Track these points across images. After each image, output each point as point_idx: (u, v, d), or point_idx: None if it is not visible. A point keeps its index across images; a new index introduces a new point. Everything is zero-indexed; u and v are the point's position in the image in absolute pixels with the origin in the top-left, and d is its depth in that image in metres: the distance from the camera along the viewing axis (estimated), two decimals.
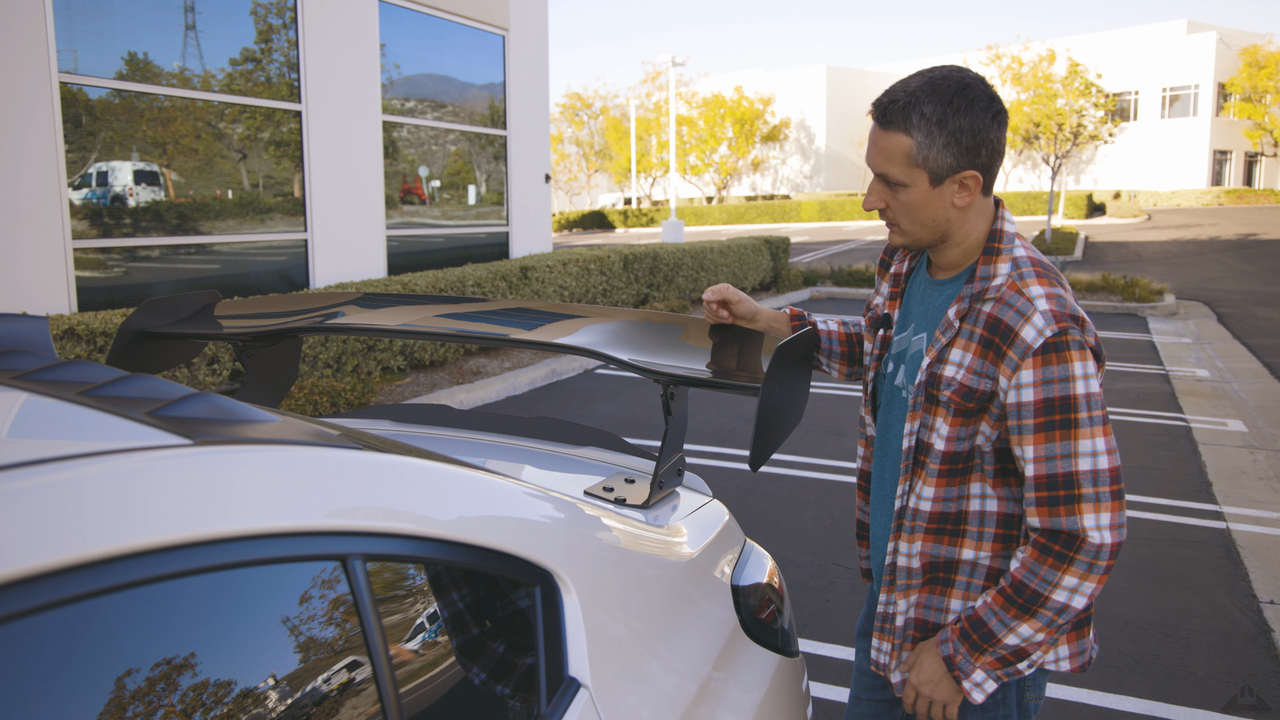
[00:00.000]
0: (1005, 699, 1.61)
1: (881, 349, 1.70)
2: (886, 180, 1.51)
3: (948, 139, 1.45)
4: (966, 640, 1.51)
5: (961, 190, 1.50)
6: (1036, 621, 1.45)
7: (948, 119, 1.44)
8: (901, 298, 1.69)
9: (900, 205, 1.52)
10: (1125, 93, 45.65)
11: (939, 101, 1.44)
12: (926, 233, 1.54)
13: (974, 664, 1.51)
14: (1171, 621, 3.77)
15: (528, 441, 2.17)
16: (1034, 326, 1.42)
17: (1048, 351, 1.40)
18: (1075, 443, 1.40)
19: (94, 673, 0.78)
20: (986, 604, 1.50)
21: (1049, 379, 1.40)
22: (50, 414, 1.05)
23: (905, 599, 1.61)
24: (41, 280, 6.76)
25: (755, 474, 5.65)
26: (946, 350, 1.52)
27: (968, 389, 1.49)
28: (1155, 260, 20.56)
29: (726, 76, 55.01)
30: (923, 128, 1.45)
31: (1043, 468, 1.42)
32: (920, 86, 1.46)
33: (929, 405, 1.54)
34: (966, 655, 1.51)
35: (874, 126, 1.51)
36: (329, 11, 9.07)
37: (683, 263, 12.60)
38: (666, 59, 30.54)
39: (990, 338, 1.47)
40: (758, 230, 34.36)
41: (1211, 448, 6.39)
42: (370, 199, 9.76)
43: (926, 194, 1.49)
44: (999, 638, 1.48)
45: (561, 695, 1.30)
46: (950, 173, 1.48)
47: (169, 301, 2.14)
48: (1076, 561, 1.41)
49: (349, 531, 1.04)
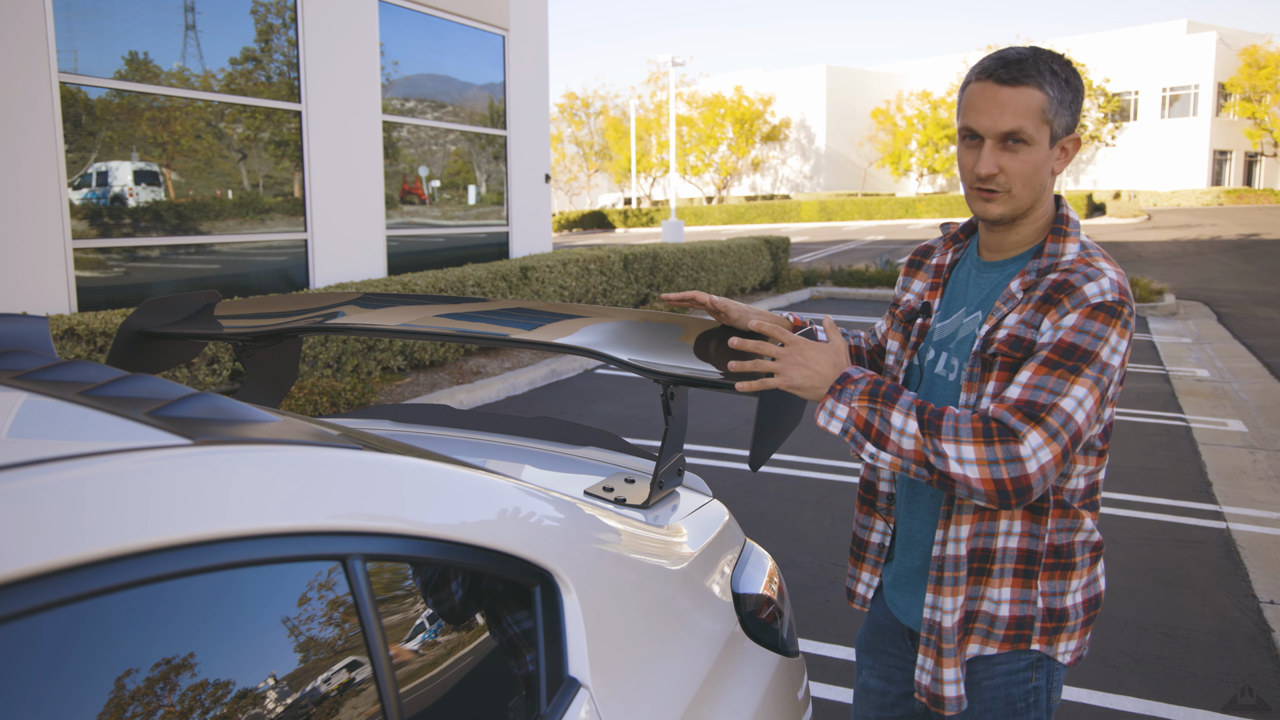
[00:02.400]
0: (1038, 703, 1.59)
1: (919, 337, 1.67)
2: (1013, 139, 1.47)
3: (1072, 97, 1.48)
4: (875, 382, 1.47)
5: (1063, 156, 1.52)
6: (926, 440, 1.40)
7: (1071, 78, 1.48)
8: (944, 287, 1.68)
9: (1019, 167, 1.48)
10: (1125, 93, 45.67)
11: (1059, 63, 1.47)
12: (1031, 198, 1.51)
13: (859, 400, 1.45)
14: (1171, 621, 3.77)
15: (528, 441, 2.17)
16: (1099, 286, 1.43)
17: (1099, 310, 1.41)
18: (1070, 386, 1.39)
19: (94, 673, 0.78)
20: (905, 388, 1.51)
21: (1086, 330, 1.41)
22: (50, 414, 1.05)
23: (954, 597, 1.54)
24: (41, 280, 6.76)
25: (755, 474, 5.65)
26: (1005, 318, 1.51)
27: (1015, 338, 1.47)
28: (1155, 260, 20.56)
29: (727, 76, 55.05)
30: (1055, 84, 1.46)
31: (1026, 394, 1.39)
32: (1032, 51, 1.48)
33: (985, 374, 1.51)
34: (858, 389, 1.46)
35: (990, 87, 1.47)
36: (329, 11, 9.07)
37: (683, 263, 12.60)
38: (667, 59, 30.57)
39: (1051, 294, 1.46)
40: (758, 230, 34.36)
41: (1211, 448, 6.39)
42: (370, 199, 9.76)
43: (1045, 155, 1.49)
44: (897, 408, 1.43)
45: (561, 695, 1.30)
46: (1065, 133, 1.50)
47: (169, 301, 2.14)
48: (994, 447, 1.36)
49: (349, 531, 1.04)
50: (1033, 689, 1.58)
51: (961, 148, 1.54)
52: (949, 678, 1.55)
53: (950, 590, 1.54)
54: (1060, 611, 1.55)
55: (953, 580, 1.54)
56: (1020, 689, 1.58)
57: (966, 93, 1.51)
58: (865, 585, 1.81)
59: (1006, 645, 1.56)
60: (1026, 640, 1.55)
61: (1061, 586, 1.55)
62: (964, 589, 1.54)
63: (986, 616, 1.55)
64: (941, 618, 1.55)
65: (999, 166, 1.48)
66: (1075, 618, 1.57)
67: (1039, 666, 1.58)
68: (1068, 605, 1.56)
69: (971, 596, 1.55)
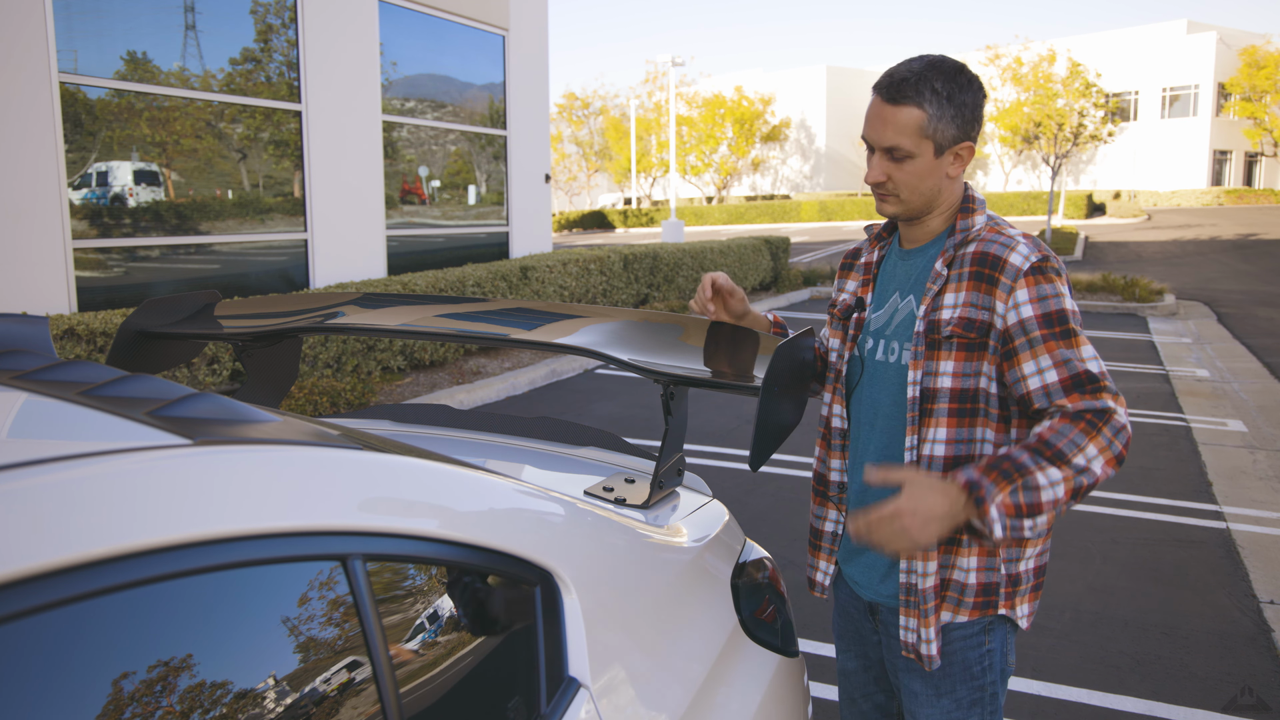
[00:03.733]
0: (992, 666, 1.67)
1: (857, 330, 1.76)
2: (893, 154, 1.60)
3: (954, 112, 1.58)
4: (995, 469, 1.47)
5: (956, 161, 1.63)
6: (1066, 469, 1.45)
7: (954, 94, 1.57)
8: (874, 281, 1.77)
9: (904, 176, 1.61)
10: (1125, 93, 45.66)
11: (945, 78, 1.57)
12: (921, 201, 1.64)
13: (999, 492, 1.45)
14: (1171, 621, 3.77)
15: (528, 441, 2.17)
16: (1019, 254, 1.56)
17: (1035, 273, 1.54)
18: (1079, 349, 1.53)
19: (94, 673, 0.78)
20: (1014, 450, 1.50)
21: (1043, 295, 1.54)
22: (50, 414, 1.05)
23: (926, 562, 1.62)
24: (41, 280, 6.76)
25: (755, 474, 5.65)
26: (939, 297, 1.62)
27: (968, 320, 1.58)
28: (1155, 260, 20.56)
29: (727, 76, 55.03)
30: (934, 102, 1.56)
31: (1064, 370, 1.52)
32: (924, 66, 1.58)
33: (930, 352, 1.61)
34: (992, 484, 1.46)
35: (878, 104, 1.60)
36: (328, 11, 9.07)
37: (683, 263, 12.60)
38: (667, 59, 30.56)
39: (980, 270, 1.59)
40: (758, 230, 34.37)
41: (1211, 448, 6.39)
42: (370, 199, 9.76)
43: (930, 164, 1.60)
44: (1030, 470, 1.45)
45: (561, 695, 1.30)
46: (951, 144, 1.60)
47: (169, 301, 2.14)
48: (1102, 433, 1.48)
49: (349, 531, 1.04)
50: (987, 652, 1.67)
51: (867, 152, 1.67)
52: (927, 637, 1.64)
53: (922, 556, 1.62)
54: (1015, 576, 1.65)
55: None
56: (975, 653, 1.66)
57: (868, 104, 1.64)
58: (823, 573, 1.87)
59: (976, 612, 1.64)
60: (994, 606, 1.64)
61: (1018, 554, 1.65)
62: (935, 555, 1.62)
63: (958, 585, 1.63)
64: (917, 580, 1.63)
65: (885, 174, 1.62)
66: (1027, 581, 1.67)
67: (991, 630, 1.66)
68: (1021, 570, 1.66)
69: (944, 565, 1.63)
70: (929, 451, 1.61)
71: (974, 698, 1.68)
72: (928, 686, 1.70)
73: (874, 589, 1.75)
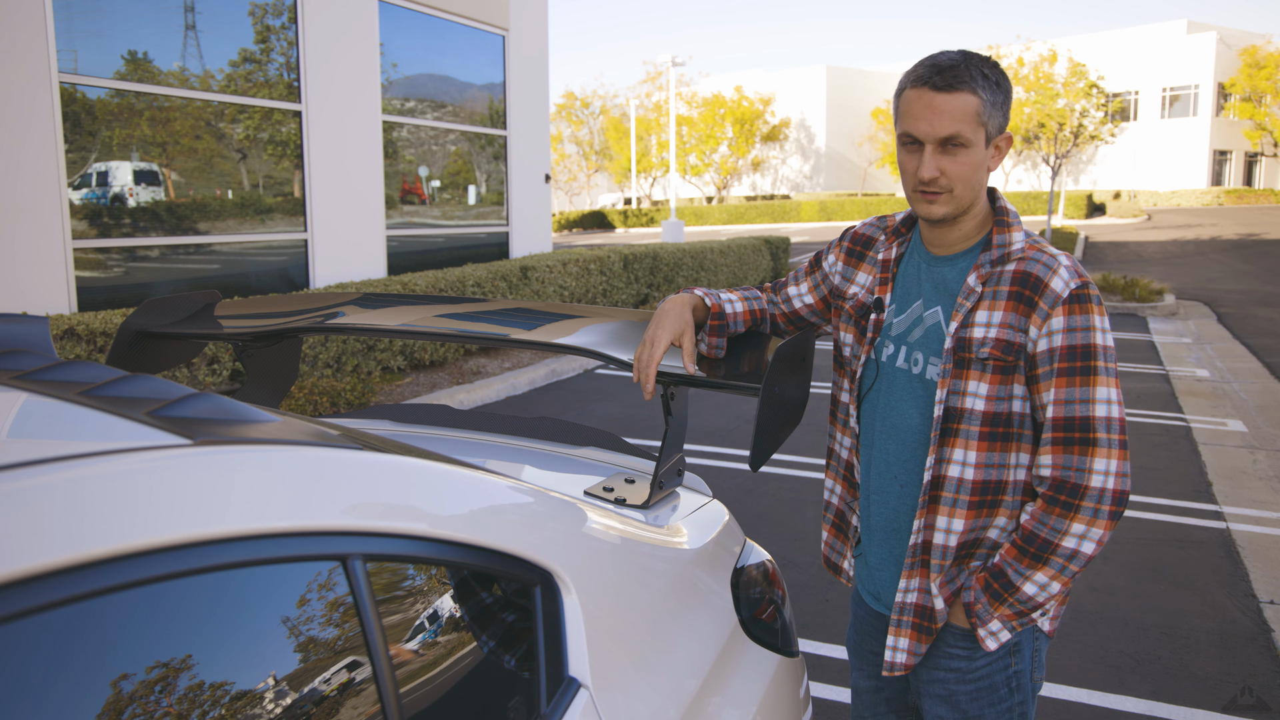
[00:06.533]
0: (1021, 685, 1.65)
1: (875, 333, 1.70)
2: (951, 143, 1.52)
3: (1002, 99, 1.54)
4: (988, 590, 1.56)
5: (996, 154, 1.58)
6: (1049, 569, 1.51)
7: (1001, 81, 1.54)
8: (894, 281, 1.70)
9: (959, 169, 1.53)
10: (1125, 93, 45.65)
11: (989, 66, 1.54)
12: (971, 197, 1.57)
13: (992, 613, 1.57)
14: (1171, 621, 3.77)
15: (528, 441, 2.17)
16: (1061, 278, 1.51)
17: (1073, 301, 1.50)
18: (1093, 389, 1.48)
19: (94, 673, 0.78)
20: (1002, 555, 1.55)
21: (1074, 327, 1.49)
22: (50, 414, 1.05)
23: (949, 518, 1.59)
24: (41, 280, 6.76)
25: (755, 474, 5.65)
26: (971, 314, 1.56)
27: (1005, 343, 1.53)
28: (1155, 260, 20.56)
29: (727, 76, 55.01)
30: (987, 87, 1.52)
31: (1061, 410, 1.50)
32: (964, 55, 1.53)
33: (958, 370, 1.57)
34: (986, 605, 1.57)
35: (928, 95, 1.52)
36: (328, 11, 9.07)
37: (683, 263, 12.60)
38: (667, 59, 30.56)
39: (1020, 290, 1.54)
40: (758, 230, 34.35)
41: (1211, 448, 6.39)
42: (370, 199, 9.76)
43: (982, 155, 1.55)
44: (1017, 586, 1.53)
45: (561, 695, 1.30)
46: (998, 133, 1.56)
47: (169, 301, 2.14)
48: (1082, 509, 1.48)
49: (349, 531, 1.04)
50: (1014, 674, 1.65)
51: (902, 153, 1.59)
52: (936, 591, 1.61)
53: (947, 511, 1.59)
54: None
55: (950, 501, 1.59)
56: (1002, 675, 1.65)
57: (903, 99, 1.56)
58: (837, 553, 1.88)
59: None
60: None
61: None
62: (963, 514, 1.59)
63: (989, 542, 1.61)
64: (933, 535, 1.60)
65: (940, 169, 1.54)
66: None
67: (1018, 650, 1.64)
68: None
69: (974, 528, 1.60)
70: (956, 474, 1.57)
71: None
72: (954, 712, 1.67)
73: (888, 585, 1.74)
